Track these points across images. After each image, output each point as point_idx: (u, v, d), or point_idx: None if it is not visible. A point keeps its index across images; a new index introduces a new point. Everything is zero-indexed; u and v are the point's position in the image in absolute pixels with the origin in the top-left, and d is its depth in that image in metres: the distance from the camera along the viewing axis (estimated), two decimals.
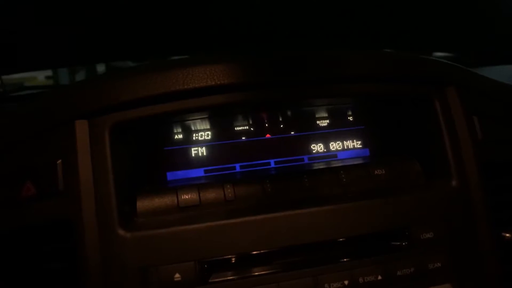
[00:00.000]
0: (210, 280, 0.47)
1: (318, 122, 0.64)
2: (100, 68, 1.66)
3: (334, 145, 0.64)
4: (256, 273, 0.49)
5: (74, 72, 1.91)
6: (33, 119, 0.50)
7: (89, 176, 0.47)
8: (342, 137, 0.64)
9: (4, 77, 1.13)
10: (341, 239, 0.51)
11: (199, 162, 0.60)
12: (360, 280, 0.50)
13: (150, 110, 0.50)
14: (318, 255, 0.50)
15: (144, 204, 0.51)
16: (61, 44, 1.00)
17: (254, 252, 0.49)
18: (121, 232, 0.47)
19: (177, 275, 0.46)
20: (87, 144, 0.48)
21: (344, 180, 0.56)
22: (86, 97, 0.49)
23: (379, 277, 0.50)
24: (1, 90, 1.08)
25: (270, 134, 0.62)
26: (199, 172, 0.60)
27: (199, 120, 0.59)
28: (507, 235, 0.56)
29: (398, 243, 0.52)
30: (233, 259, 0.49)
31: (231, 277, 0.48)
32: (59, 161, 0.47)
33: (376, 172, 0.57)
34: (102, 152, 0.48)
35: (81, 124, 0.48)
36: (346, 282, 0.49)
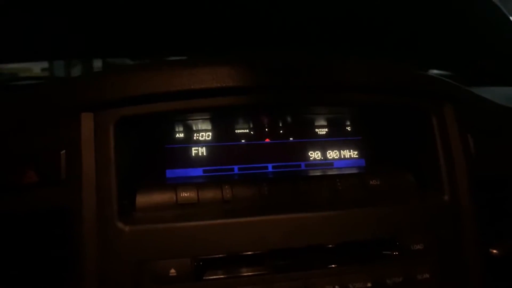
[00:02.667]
0: (204, 277, 0.48)
1: (316, 130, 0.65)
2: (97, 63, 1.66)
3: (331, 154, 0.65)
4: (249, 273, 0.50)
5: (70, 66, 1.91)
6: (40, 107, 0.50)
7: (92, 167, 0.48)
8: (339, 146, 0.66)
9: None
10: (333, 245, 0.52)
11: (198, 161, 0.61)
12: (350, 286, 0.51)
13: (155, 107, 0.51)
14: (310, 259, 0.51)
15: (143, 199, 0.52)
16: (59, 36, 1.01)
17: (248, 253, 0.50)
18: (120, 225, 0.47)
19: (172, 270, 0.47)
20: (92, 137, 0.49)
21: (340, 188, 0.57)
22: (93, 91, 0.50)
23: (369, 284, 0.51)
24: None
25: (269, 139, 0.63)
26: (198, 172, 0.61)
27: (201, 120, 0.60)
28: (495, 251, 0.58)
29: (389, 252, 0.54)
30: (227, 258, 0.49)
31: (224, 276, 0.49)
32: (63, 151, 0.48)
33: (371, 182, 0.59)
34: (106, 146, 0.49)
35: (87, 117, 0.49)
36: (336, 287, 0.50)
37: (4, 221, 0.49)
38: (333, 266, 0.52)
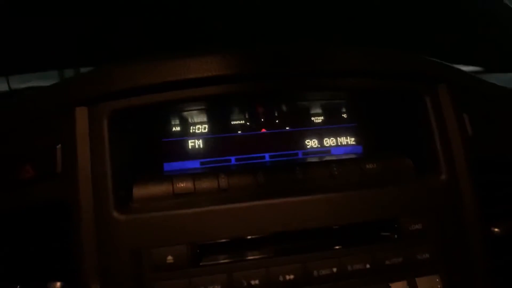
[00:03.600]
0: (201, 263, 0.49)
1: (312, 118, 0.66)
2: None
3: (328, 141, 0.65)
4: (247, 258, 0.50)
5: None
6: (36, 105, 0.52)
7: (87, 160, 0.49)
8: (336, 133, 0.66)
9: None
10: (331, 228, 0.52)
11: (195, 154, 0.61)
12: (349, 268, 0.50)
13: (148, 98, 0.51)
14: (308, 243, 0.51)
15: (140, 190, 0.53)
16: (67, 46, 1.03)
17: (245, 237, 0.50)
18: (115, 214, 0.48)
19: (169, 257, 0.48)
20: (86, 130, 0.50)
21: (336, 173, 0.57)
22: (86, 85, 0.51)
23: (367, 266, 0.51)
24: (8, 90, 1.11)
25: (265, 129, 0.64)
26: (195, 164, 0.61)
27: (196, 112, 0.61)
28: (496, 229, 0.57)
29: (387, 233, 0.53)
30: (225, 243, 0.50)
31: (221, 261, 0.49)
32: (59, 145, 0.49)
33: (367, 166, 0.58)
34: (100, 138, 0.50)
35: (81, 111, 0.50)
36: (334, 270, 0.50)
37: (7, 219, 0.50)
38: (331, 248, 0.52)
